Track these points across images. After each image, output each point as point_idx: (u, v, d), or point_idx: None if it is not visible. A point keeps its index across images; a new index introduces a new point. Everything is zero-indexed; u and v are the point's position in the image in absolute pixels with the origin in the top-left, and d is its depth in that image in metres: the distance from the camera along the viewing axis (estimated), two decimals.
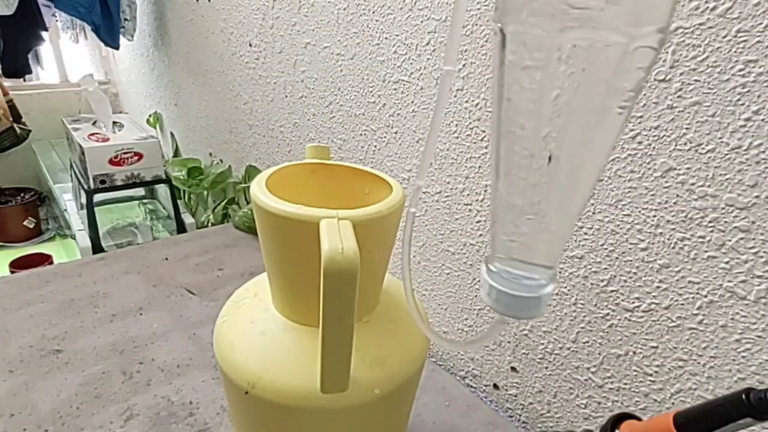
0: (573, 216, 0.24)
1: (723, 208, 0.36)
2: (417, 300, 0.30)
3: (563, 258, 0.48)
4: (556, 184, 0.22)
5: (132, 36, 1.47)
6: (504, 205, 0.25)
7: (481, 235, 0.56)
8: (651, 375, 0.44)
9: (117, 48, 1.47)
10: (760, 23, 0.32)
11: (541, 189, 0.23)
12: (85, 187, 1.30)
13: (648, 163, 0.40)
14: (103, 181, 1.28)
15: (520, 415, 0.58)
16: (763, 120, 0.34)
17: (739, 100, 0.34)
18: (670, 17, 0.19)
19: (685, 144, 0.38)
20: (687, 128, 0.37)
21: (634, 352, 0.45)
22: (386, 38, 0.62)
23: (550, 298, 0.26)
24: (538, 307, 0.25)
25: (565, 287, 0.49)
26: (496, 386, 0.60)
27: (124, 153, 1.28)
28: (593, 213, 0.45)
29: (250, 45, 0.96)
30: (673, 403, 0.43)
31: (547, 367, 0.53)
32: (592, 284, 0.46)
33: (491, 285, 0.26)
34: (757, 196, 0.35)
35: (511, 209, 0.25)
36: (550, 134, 0.21)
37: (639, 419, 0.27)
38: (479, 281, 0.58)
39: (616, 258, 0.44)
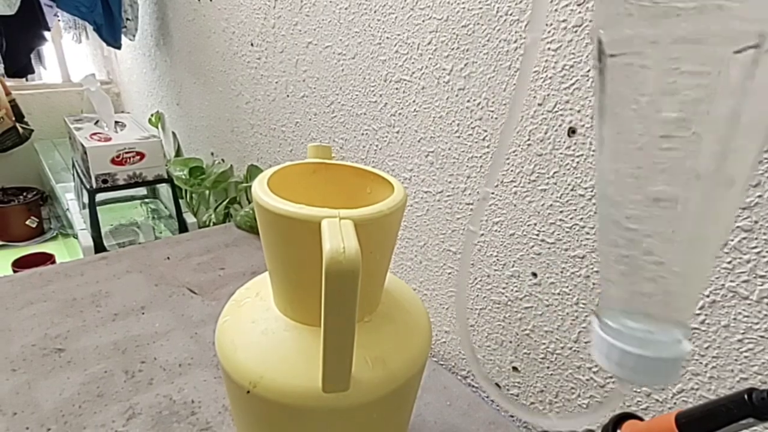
0: (708, 266, 0.19)
1: None
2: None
3: (564, 258, 0.48)
4: (692, 228, 0.18)
5: (134, 36, 1.47)
6: (624, 249, 0.19)
7: (482, 234, 0.56)
8: None
9: (119, 48, 1.47)
10: None
11: (674, 234, 0.18)
12: (87, 186, 1.30)
13: None
14: (105, 181, 1.28)
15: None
16: None
17: None
18: None
19: None
20: None
21: None
22: (388, 38, 0.62)
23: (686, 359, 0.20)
24: (676, 371, 0.20)
25: (567, 287, 0.49)
26: (497, 386, 0.60)
27: (126, 152, 1.28)
28: (595, 213, 0.45)
29: (252, 45, 0.96)
30: (675, 403, 0.43)
31: (548, 367, 0.53)
32: (594, 284, 0.46)
33: (612, 344, 0.19)
34: (759, 196, 0.35)
35: (635, 257, 0.19)
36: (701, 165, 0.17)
37: (641, 419, 0.27)
38: (481, 280, 0.58)
39: None
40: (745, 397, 0.21)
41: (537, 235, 0.50)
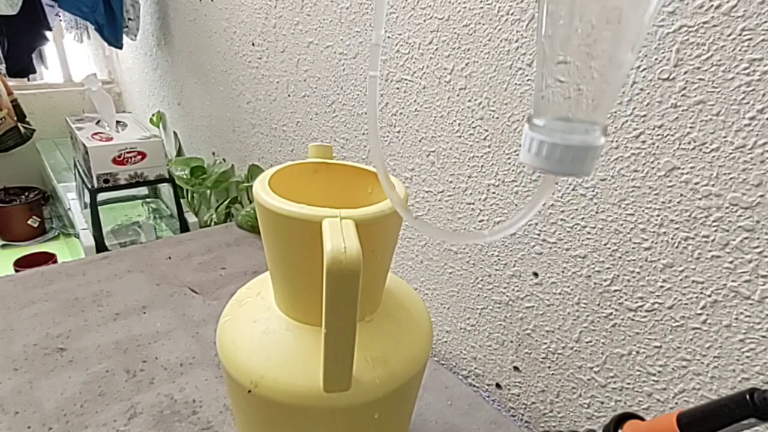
0: (626, 65, 0.23)
1: (727, 208, 0.36)
2: (391, 178, 0.30)
3: (566, 257, 0.48)
4: (610, 33, 0.21)
5: (135, 35, 1.48)
6: (552, 57, 0.23)
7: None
8: (654, 375, 0.44)
9: (120, 47, 1.48)
10: (766, 21, 0.32)
11: (595, 39, 0.21)
12: (89, 186, 1.30)
13: (652, 162, 0.40)
14: (106, 180, 1.29)
15: (522, 415, 0.57)
16: (767, 119, 0.33)
17: (743, 98, 0.34)
18: None
19: (690, 143, 0.37)
20: (691, 127, 0.37)
21: (638, 352, 0.44)
22: (389, 37, 0.62)
23: (600, 153, 0.25)
24: (589, 159, 0.23)
25: (568, 287, 0.49)
26: (498, 385, 0.60)
27: (128, 152, 1.28)
28: (596, 212, 0.45)
29: (253, 44, 0.96)
30: (676, 403, 0.43)
31: (549, 367, 0.53)
32: (595, 284, 0.46)
33: (534, 139, 0.24)
34: (761, 196, 0.35)
35: (562, 61, 0.23)
36: None
37: (642, 419, 0.27)
38: (482, 280, 0.58)
39: (620, 257, 0.44)
40: (747, 397, 0.21)
41: (538, 234, 0.50)
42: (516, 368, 0.57)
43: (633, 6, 0.21)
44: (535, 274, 0.52)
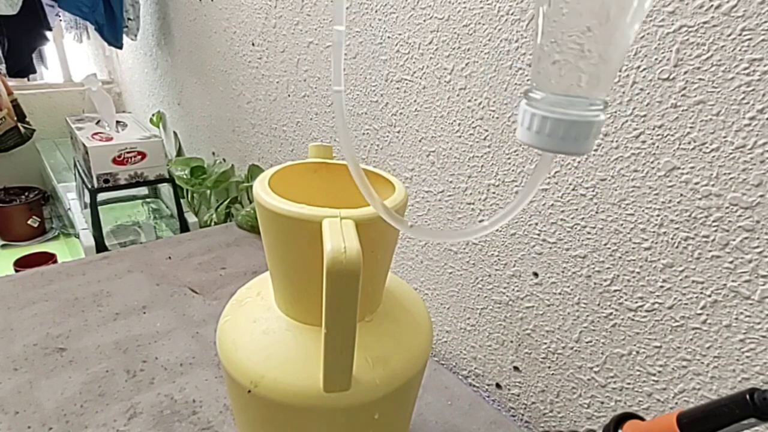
0: (629, 38, 0.21)
1: (727, 208, 0.36)
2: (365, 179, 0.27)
3: (565, 257, 0.48)
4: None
5: (135, 35, 1.48)
6: (554, 29, 0.21)
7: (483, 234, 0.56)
8: (654, 375, 0.44)
9: (120, 47, 1.48)
10: (765, 21, 0.32)
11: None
12: (89, 186, 1.30)
13: (652, 162, 0.40)
14: (106, 180, 1.29)
15: (522, 415, 0.57)
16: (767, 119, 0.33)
17: (743, 98, 0.34)
18: None
19: (690, 143, 0.37)
20: (691, 127, 0.37)
21: (638, 352, 0.44)
22: (389, 37, 0.62)
23: (601, 130, 0.23)
24: (592, 136, 0.22)
25: (568, 287, 0.49)
26: (498, 385, 0.60)
27: (128, 152, 1.28)
28: (596, 212, 0.45)
29: (253, 44, 0.96)
30: (676, 403, 0.43)
31: (549, 367, 0.53)
32: (595, 284, 0.46)
33: (536, 115, 0.22)
34: (761, 196, 0.35)
35: (564, 33, 0.21)
36: None
37: (642, 419, 0.27)
38: (482, 280, 0.58)
39: (620, 257, 0.44)
40: (747, 397, 0.21)
41: (538, 234, 0.50)
42: (516, 368, 0.57)
43: None
44: (535, 274, 0.52)
